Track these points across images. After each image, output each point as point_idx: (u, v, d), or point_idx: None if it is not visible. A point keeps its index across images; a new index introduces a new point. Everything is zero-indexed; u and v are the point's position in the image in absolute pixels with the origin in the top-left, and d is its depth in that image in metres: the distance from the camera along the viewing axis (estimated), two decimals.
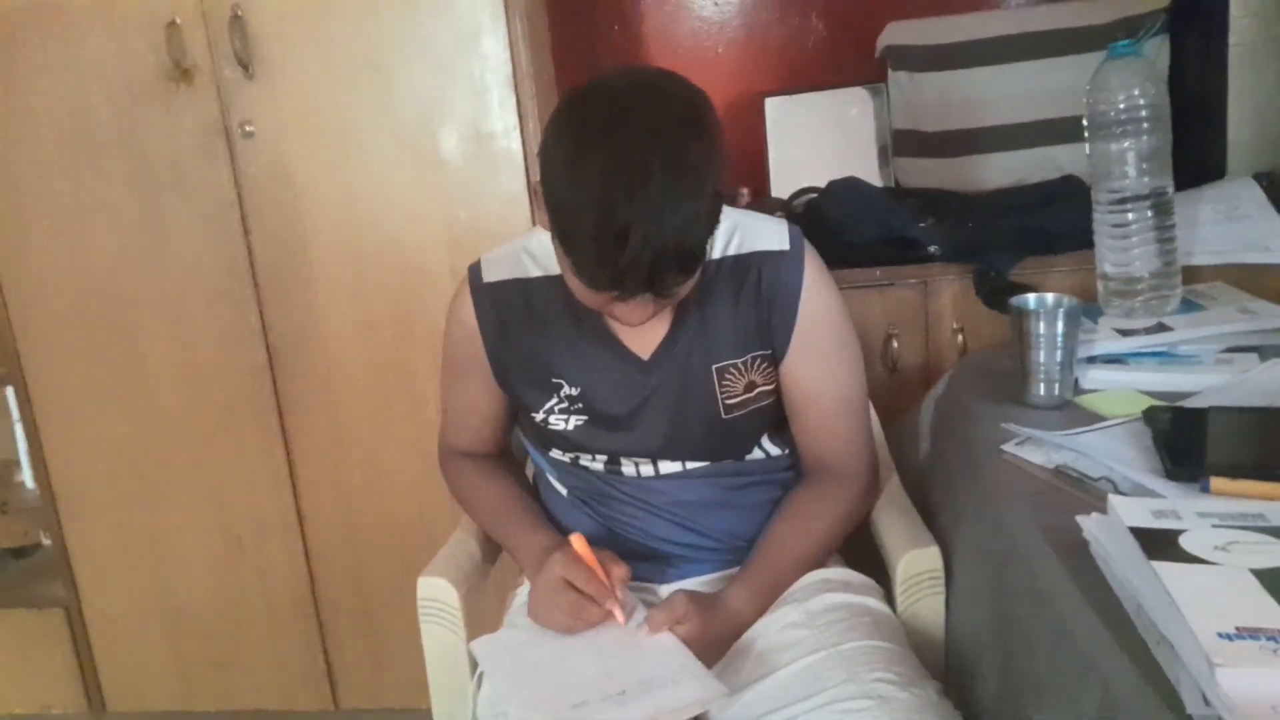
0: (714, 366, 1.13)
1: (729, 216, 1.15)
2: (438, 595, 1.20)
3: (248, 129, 1.68)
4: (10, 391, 1.92)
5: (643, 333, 1.12)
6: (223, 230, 1.74)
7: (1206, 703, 0.60)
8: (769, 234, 1.14)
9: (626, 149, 0.91)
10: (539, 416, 1.18)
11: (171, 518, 1.90)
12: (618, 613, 1.05)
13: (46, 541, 2.03)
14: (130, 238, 1.77)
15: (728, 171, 0.98)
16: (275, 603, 1.92)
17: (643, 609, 1.08)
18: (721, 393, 1.14)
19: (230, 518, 1.89)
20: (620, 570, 1.07)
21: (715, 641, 1.07)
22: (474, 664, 1.14)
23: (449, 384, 1.27)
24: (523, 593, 1.24)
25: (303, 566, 1.89)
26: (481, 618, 1.22)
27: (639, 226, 0.90)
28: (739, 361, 1.13)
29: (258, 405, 1.82)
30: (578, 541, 1.09)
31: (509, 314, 1.17)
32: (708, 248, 1.00)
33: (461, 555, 1.27)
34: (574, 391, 1.15)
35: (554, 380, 1.15)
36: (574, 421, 1.16)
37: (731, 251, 1.13)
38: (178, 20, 1.64)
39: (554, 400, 1.16)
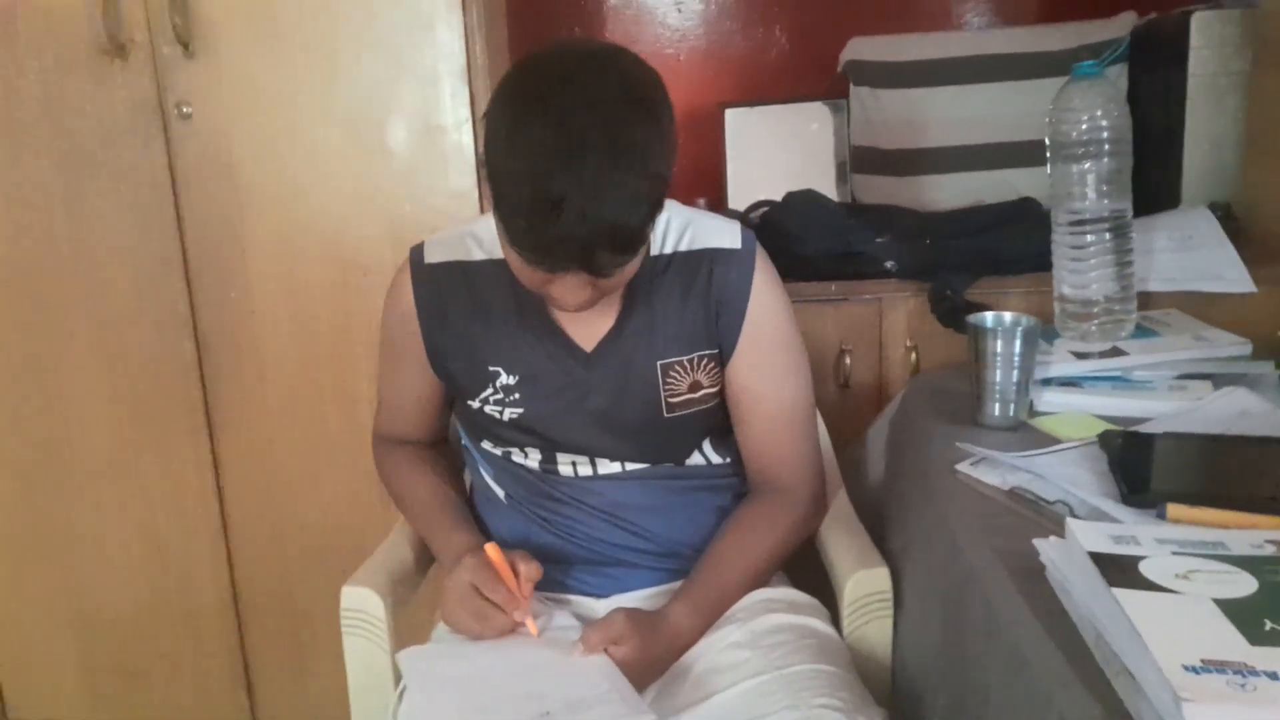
0: (659, 363, 1.10)
1: (682, 213, 1.13)
2: (362, 606, 1.13)
3: (185, 110, 1.60)
4: None
5: (588, 324, 1.09)
6: (155, 216, 1.65)
7: None
8: (722, 232, 1.12)
9: (567, 119, 0.88)
10: (475, 405, 1.13)
11: (88, 518, 1.79)
12: (530, 624, 1.01)
13: None
14: (56, 219, 1.66)
15: (673, 156, 0.95)
16: (195, 610, 1.82)
17: (564, 617, 1.05)
18: (665, 390, 1.11)
19: (151, 519, 1.78)
20: (530, 568, 1.03)
21: (655, 661, 1.02)
22: (397, 678, 1.09)
23: (385, 368, 1.22)
24: None
25: (225, 572, 1.80)
26: (411, 631, 1.16)
27: (574, 198, 0.87)
28: (684, 359, 1.11)
29: (184, 402, 1.72)
30: (492, 550, 1.04)
31: (449, 297, 1.12)
32: (649, 233, 0.95)
33: (392, 564, 1.20)
34: (511, 381, 1.11)
35: (491, 369, 1.11)
36: (509, 414, 1.12)
37: (684, 247, 1.11)
38: None
39: (490, 390, 1.12)
